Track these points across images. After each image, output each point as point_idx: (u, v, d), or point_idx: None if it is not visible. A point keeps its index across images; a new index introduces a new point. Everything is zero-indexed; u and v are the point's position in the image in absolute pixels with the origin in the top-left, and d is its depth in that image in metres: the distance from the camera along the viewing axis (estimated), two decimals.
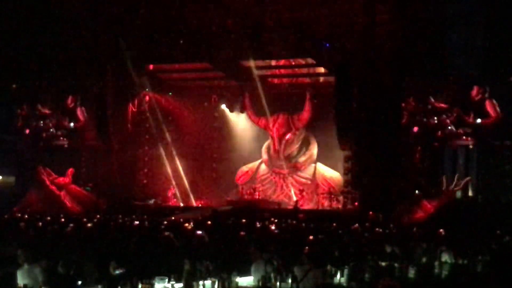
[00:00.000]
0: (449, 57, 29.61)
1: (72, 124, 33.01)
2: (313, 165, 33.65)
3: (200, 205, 33.50)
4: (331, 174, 32.99)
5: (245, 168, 34.81)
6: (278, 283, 10.39)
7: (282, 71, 33.85)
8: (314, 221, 23.77)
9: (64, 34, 30.71)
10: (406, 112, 28.43)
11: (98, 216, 24.41)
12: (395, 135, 28.54)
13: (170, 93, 34.83)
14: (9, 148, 34.55)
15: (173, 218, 24.88)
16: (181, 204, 33.28)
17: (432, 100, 27.97)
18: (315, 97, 32.72)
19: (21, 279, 9.45)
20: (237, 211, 27.57)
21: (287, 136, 33.64)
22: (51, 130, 33.40)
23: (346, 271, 11.16)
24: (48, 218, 22.22)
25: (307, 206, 32.11)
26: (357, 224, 22.03)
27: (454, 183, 26.55)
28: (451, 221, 23.10)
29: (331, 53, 29.00)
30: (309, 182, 33.34)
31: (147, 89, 33.21)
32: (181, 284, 9.75)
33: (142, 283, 9.40)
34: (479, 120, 27.21)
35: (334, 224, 22.27)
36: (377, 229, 21.17)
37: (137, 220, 22.33)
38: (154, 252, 12.73)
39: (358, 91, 29.09)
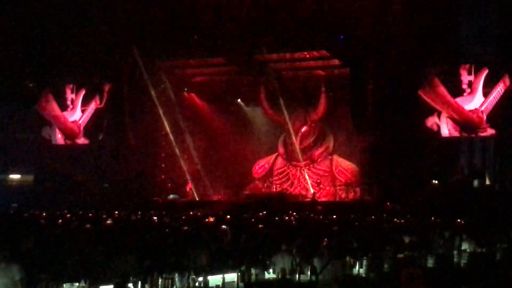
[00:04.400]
0: (463, 45, 29.50)
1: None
2: (329, 157, 33.61)
3: (218, 199, 33.57)
4: (347, 165, 32.89)
5: (261, 161, 34.84)
6: (297, 275, 10.46)
7: (297, 64, 33.78)
8: (332, 213, 23.81)
9: (78, 33, 30.93)
10: (422, 102, 28.33)
11: (117, 212, 24.57)
12: (411, 125, 28.48)
13: (186, 89, 34.92)
14: (27, 147, 34.80)
15: (191, 212, 25.01)
16: (198, 199, 33.39)
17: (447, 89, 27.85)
18: (330, 90, 32.64)
19: None
20: (260, 204, 27.65)
21: (303, 129, 33.56)
22: (69, 128, 33.66)
23: (365, 262, 11.19)
24: (68, 215, 22.39)
25: (325, 198, 32.11)
26: (374, 215, 22.06)
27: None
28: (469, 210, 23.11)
29: (346, 45, 28.96)
30: (326, 174, 33.31)
31: (162, 86, 33.28)
32: (201, 278, 9.79)
33: (162, 278, 9.43)
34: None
35: (352, 216, 22.30)
36: (395, 219, 21.21)
37: (156, 216, 22.44)
38: (174, 247, 12.80)
39: (373, 82, 29.04)
